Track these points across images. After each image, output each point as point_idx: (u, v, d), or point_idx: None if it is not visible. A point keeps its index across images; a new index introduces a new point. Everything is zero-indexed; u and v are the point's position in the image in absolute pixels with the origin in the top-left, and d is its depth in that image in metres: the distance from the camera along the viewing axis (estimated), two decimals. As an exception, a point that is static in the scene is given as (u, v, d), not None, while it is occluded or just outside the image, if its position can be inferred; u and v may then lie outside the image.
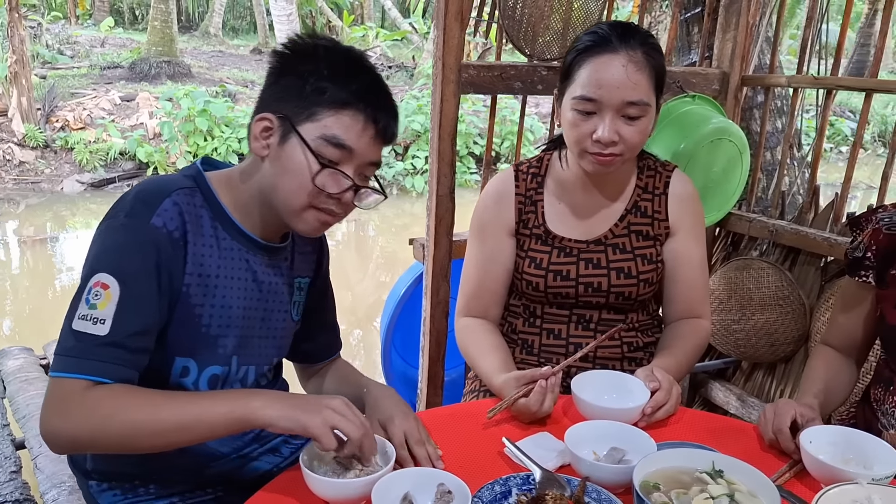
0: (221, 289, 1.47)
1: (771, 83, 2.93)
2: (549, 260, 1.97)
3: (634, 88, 1.75)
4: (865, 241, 1.74)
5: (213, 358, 1.48)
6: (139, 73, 15.02)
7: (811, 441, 1.46)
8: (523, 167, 2.05)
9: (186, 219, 1.40)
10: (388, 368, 3.13)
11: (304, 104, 1.41)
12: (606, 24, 1.84)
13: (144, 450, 1.34)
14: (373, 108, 1.43)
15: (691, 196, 2.01)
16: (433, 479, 1.33)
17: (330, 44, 1.47)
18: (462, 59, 2.37)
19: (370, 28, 21.32)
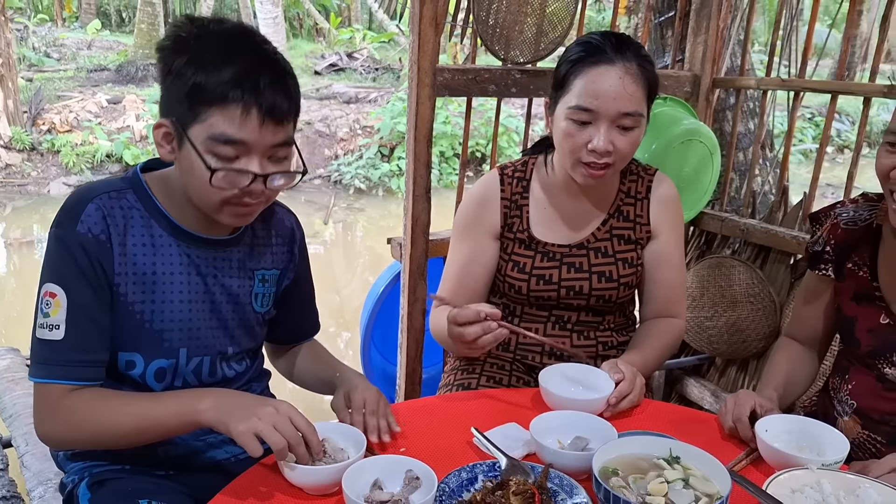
0: (161, 285, 1.53)
1: (741, 85, 3.00)
2: (533, 264, 2.01)
3: (630, 100, 1.79)
4: (824, 235, 1.80)
5: (158, 352, 1.55)
6: (126, 76, 14.98)
7: (767, 430, 1.53)
8: (508, 171, 2.07)
9: (109, 221, 1.46)
10: (368, 365, 3.18)
11: (189, 105, 1.39)
12: (599, 35, 1.87)
13: (115, 448, 1.54)
14: (253, 92, 1.38)
15: (673, 199, 2.06)
16: (402, 466, 1.38)
17: (202, 31, 1.43)
18: (437, 62, 2.43)
19: (357, 30, 21.30)
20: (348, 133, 13.15)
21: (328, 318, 6.74)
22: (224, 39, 1.42)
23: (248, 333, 1.72)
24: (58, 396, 1.44)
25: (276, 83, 1.42)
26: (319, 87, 15.77)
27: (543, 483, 1.35)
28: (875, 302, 1.69)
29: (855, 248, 1.74)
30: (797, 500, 1.31)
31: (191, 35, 1.42)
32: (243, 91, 1.37)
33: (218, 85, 1.37)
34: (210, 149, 1.40)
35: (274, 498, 1.36)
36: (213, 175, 1.41)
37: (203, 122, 1.39)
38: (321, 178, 12.26)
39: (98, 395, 1.46)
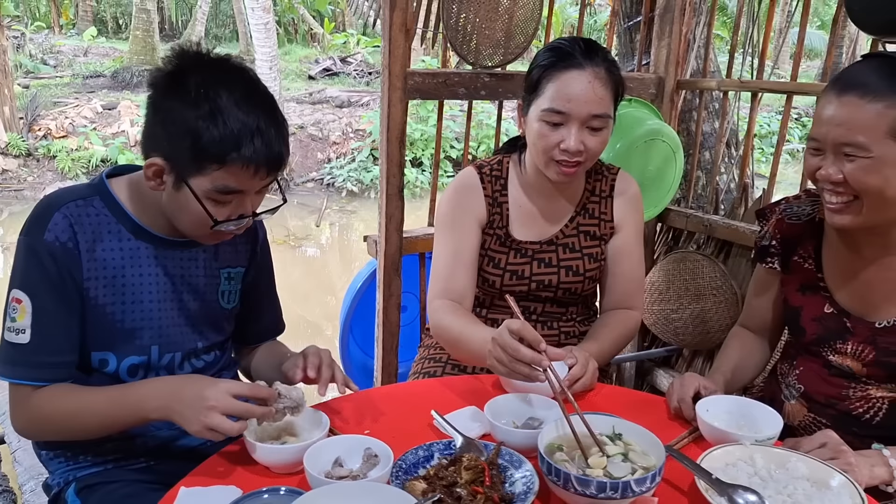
0: (130, 286, 1.60)
1: (703, 87, 3.10)
2: (507, 260, 2.11)
3: (599, 102, 1.91)
4: (770, 230, 1.90)
5: (130, 349, 1.63)
6: (121, 82, 15.10)
7: (707, 409, 1.63)
8: (486, 169, 2.16)
9: (77, 229, 1.52)
10: (347, 359, 3.28)
11: (192, 158, 1.46)
12: (568, 40, 1.98)
13: (82, 439, 1.62)
14: (258, 152, 1.47)
15: (635, 196, 2.17)
16: (361, 445, 1.48)
17: (206, 78, 1.47)
18: (408, 66, 2.53)
19: (351, 35, 21.42)
20: (341, 136, 13.25)
21: (324, 321, 6.81)
22: (230, 93, 1.46)
23: (216, 329, 1.80)
24: (25, 395, 1.53)
25: (278, 139, 1.51)
26: (313, 91, 15.88)
27: (494, 459, 1.45)
28: (819, 292, 1.78)
29: (799, 241, 1.84)
30: (730, 473, 1.41)
31: (194, 82, 1.46)
32: (250, 153, 1.46)
33: (225, 148, 1.44)
34: (209, 196, 1.50)
35: (242, 476, 1.44)
36: (216, 224, 1.54)
37: (206, 175, 1.48)
38: (314, 182, 12.36)
39: (61, 393, 1.53)
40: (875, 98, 1.48)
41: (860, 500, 1.31)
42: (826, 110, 1.55)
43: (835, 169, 1.55)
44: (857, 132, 1.49)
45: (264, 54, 12.06)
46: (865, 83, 1.50)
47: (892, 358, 1.66)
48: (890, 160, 1.50)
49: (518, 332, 1.59)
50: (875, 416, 1.71)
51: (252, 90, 1.51)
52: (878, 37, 2.39)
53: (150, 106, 1.52)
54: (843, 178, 1.54)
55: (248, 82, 1.52)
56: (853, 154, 1.51)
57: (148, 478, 1.67)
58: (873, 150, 1.49)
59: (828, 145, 1.55)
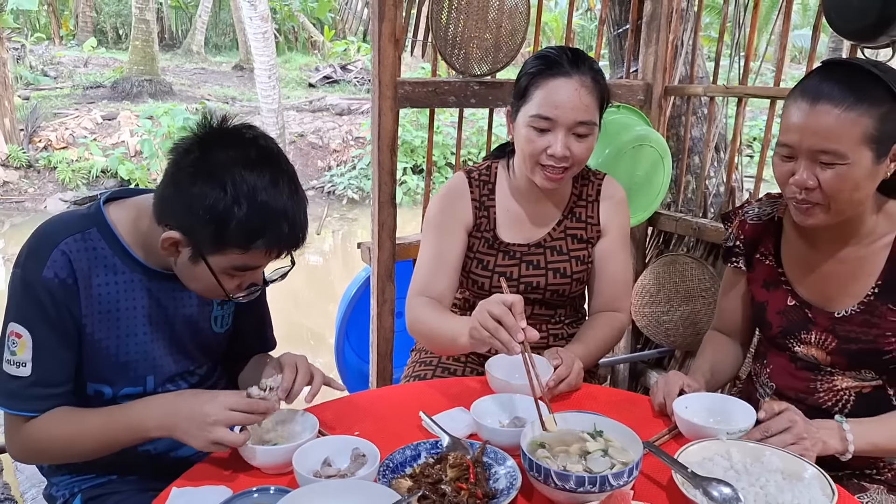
0: (125, 319, 1.61)
1: (690, 92, 3.15)
2: (495, 262, 2.15)
3: (585, 110, 1.96)
4: (734, 231, 1.98)
5: (126, 381, 1.64)
6: (121, 92, 15.17)
7: (686, 406, 1.68)
8: (474, 174, 2.22)
9: (76, 266, 1.52)
10: (343, 364, 3.32)
11: (213, 238, 1.47)
12: (556, 49, 2.03)
13: (80, 461, 1.64)
14: (279, 239, 1.50)
15: (621, 200, 2.22)
16: (349, 445, 1.52)
17: (232, 153, 1.46)
18: (398, 76, 2.58)
19: (351, 42, 21.50)
20: (341, 144, 13.31)
21: (326, 329, 6.83)
22: (257, 177, 1.45)
23: (208, 352, 1.83)
24: (19, 424, 1.55)
25: (302, 222, 1.54)
26: (313, 99, 15.94)
27: (480, 457, 1.49)
28: (782, 286, 1.85)
29: (760, 240, 1.91)
30: (706, 467, 1.45)
31: (219, 163, 1.45)
32: (275, 239, 1.50)
33: (252, 237, 1.47)
34: (225, 272, 1.53)
35: (233, 477, 1.48)
36: (229, 299, 1.58)
37: (226, 255, 1.50)
38: (314, 189, 12.40)
39: (55, 420, 1.53)
40: (849, 107, 1.53)
41: (831, 491, 1.35)
42: (798, 118, 1.59)
43: (809, 174, 1.59)
44: (835, 140, 1.55)
45: (263, 63, 12.11)
46: (837, 93, 1.55)
47: (851, 345, 1.72)
48: (863, 166, 1.56)
49: (509, 304, 1.65)
50: (844, 409, 1.75)
51: (279, 172, 1.50)
52: (855, 42, 2.44)
53: (171, 177, 1.50)
54: (818, 185, 1.59)
55: (273, 162, 1.51)
56: (831, 162, 1.56)
57: (154, 486, 1.68)
58: (850, 156, 1.55)
59: (802, 152, 1.60)
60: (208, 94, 16.08)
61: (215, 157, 1.46)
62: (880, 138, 1.55)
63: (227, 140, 1.50)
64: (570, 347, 2.01)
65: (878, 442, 1.61)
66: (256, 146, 1.50)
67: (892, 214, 1.70)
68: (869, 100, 1.53)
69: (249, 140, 1.51)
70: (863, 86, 1.55)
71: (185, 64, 20.44)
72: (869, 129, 1.53)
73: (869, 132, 1.54)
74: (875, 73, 1.55)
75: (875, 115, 1.53)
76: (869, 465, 1.76)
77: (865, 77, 1.56)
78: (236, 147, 1.48)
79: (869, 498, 1.70)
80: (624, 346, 3.48)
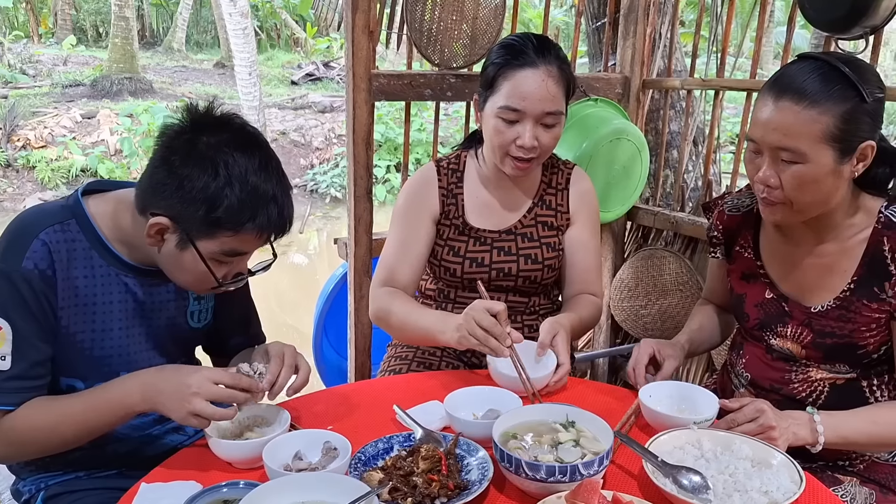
0: (101, 314, 1.60)
1: (667, 86, 3.15)
2: (466, 248, 2.16)
3: (552, 100, 1.98)
4: (714, 222, 1.98)
5: (99, 376, 1.60)
6: (101, 91, 15.03)
7: (650, 395, 1.69)
8: (443, 163, 2.24)
9: (55, 257, 1.51)
10: (321, 360, 3.31)
11: (203, 221, 1.48)
12: (520, 37, 2.03)
13: (63, 450, 1.57)
14: (269, 223, 1.52)
15: (589, 191, 2.24)
16: (320, 439, 1.51)
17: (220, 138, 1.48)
18: (372, 68, 2.57)
19: (334, 39, 21.44)
20: (324, 142, 13.27)
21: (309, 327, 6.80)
22: (247, 160, 1.49)
23: (183, 348, 1.82)
24: None
25: (289, 206, 1.56)
26: (295, 96, 15.88)
27: (452, 449, 1.49)
28: (760, 279, 1.85)
29: (739, 231, 1.92)
30: (677, 456, 1.47)
31: (207, 145, 1.48)
32: (264, 221, 1.51)
33: (242, 218, 1.48)
34: (213, 257, 1.54)
35: (203, 472, 1.47)
36: (219, 286, 1.58)
37: (215, 239, 1.51)
38: (297, 188, 12.33)
39: (33, 410, 1.51)
40: (810, 104, 1.52)
41: (799, 478, 1.35)
42: (763, 113, 1.59)
43: (771, 172, 1.60)
44: (793, 138, 1.54)
45: (243, 59, 12.05)
46: (801, 88, 1.54)
47: (826, 339, 1.72)
48: (824, 164, 1.55)
49: (495, 313, 1.76)
50: (817, 400, 1.76)
51: (267, 157, 1.53)
52: (828, 33, 2.45)
53: (161, 160, 1.51)
54: (780, 183, 1.60)
55: (261, 147, 1.54)
56: (791, 160, 1.56)
57: (120, 485, 1.66)
58: (809, 155, 1.54)
59: (765, 148, 1.60)
60: (189, 92, 15.98)
61: (206, 139, 1.48)
62: (843, 137, 1.54)
63: (216, 124, 1.52)
64: (564, 317, 1.98)
65: (849, 435, 1.62)
66: (245, 131, 1.54)
67: (870, 209, 1.69)
68: (832, 98, 1.52)
69: (238, 125, 1.55)
70: (829, 82, 1.53)
71: (166, 62, 20.29)
72: (829, 128, 1.52)
73: (829, 131, 1.52)
74: (843, 71, 1.53)
75: (837, 113, 1.52)
76: (842, 457, 1.77)
77: (834, 73, 1.54)
78: (226, 131, 1.51)
79: (843, 490, 1.71)
80: (603, 341, 3.49)
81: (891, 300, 1.65)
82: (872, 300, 1.67)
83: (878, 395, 1.75)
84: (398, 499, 1.34)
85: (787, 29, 2.61)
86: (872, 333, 1.69)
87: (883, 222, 1.66)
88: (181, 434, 1.82)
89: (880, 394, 1.75)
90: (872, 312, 1.67)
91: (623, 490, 1.34)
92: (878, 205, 1.68)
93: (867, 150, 1.58)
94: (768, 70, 17.31)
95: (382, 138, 12.48)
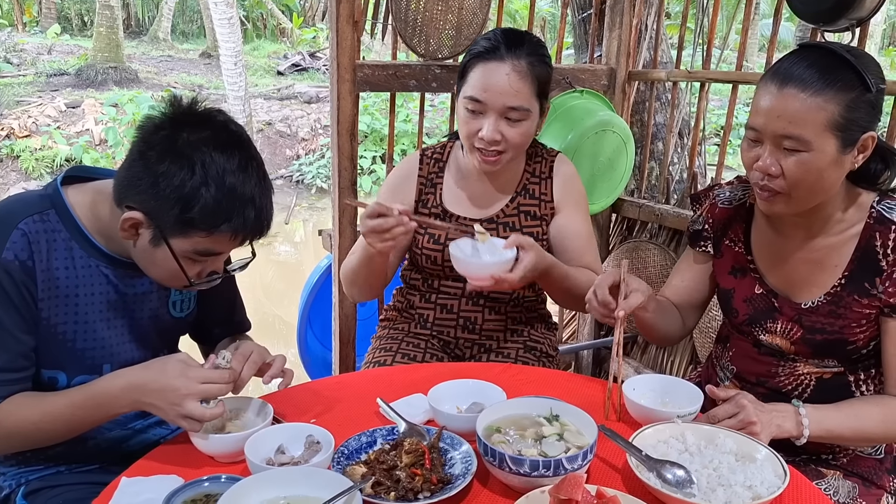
0: (82, 305, 1.57)
1: (653, 77, 3.14)
2: (447, 236, 2.14)
3: (516, 95, 1.96)
4: (704, 214, 1.94)
5: (81, 369, 1.59)
6: (86, 80, 14.91)
7: (634, 388, 1.68)
8: (428, 152, 2.24)
9: (34, 248, 1.48)
10: (305, 352, 3.30)
11: (178, 220, 1.44)
12: (500, 31, 2.03)
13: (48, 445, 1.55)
14: (245, 225, 1.48)
15: (573, 177, 2.22)
16: (303, 433, 1.50)
17: (200, 135, 1.45)
18: (357, 58, 2.55)
19: (320, 29, 21.35)
20: (309, 133, 13.21)
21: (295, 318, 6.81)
22: (226, 160, 1.44)
23: (167, 338, 1.79)
24: None
25: (268, 209, 1.52)
26: (281, 87, 15.80)
27: (436, 443, 1.48)
28: (750, 273, 1.83)
29: (730, 225, 1.88)
30: (660, 450, 1.46)
31: (187, 142, 1.43)
32: (240, 224, 1.48)
33: (217, 221, 1.45)
34: (186, 255, 1.50)
35: (185, 466, 1.46)
36: (191, 285, 1.55)
37: (189, 239, 1.47)
38: (283, 179, 12.30)
39: (18, 405, 1.48)
40: (816, 92, 1.50)
41: (783, 472, 1.35)
42: (765, 101, 1.57)
43: (772, 160, 1.57)
44: (799, 125, 1.52)
45: (229, 49, 11.95)
46: (806, 76, 1.52)
47: (816, 336, 1.71)
48: (827, 153, 1.53)
49: (371, 211, 1.81)
50: (803, 393, 1.76)
51: (248, 157, 1.49)
52: (814, 25, 2.45)
53: (138, 154, 1.47)
54: (781, 171, 1.57)
55: (243, 147, 1.49)
56: (794, 148, 1.54)
57: (101, 479, 1.63)
58: (813, 143, 1.52)
59: (767, 136, 1.57)
60: (175, 82, 15.87)
61: (186, 136, 1.44)
62: (846, 126, 1.52)
63: (197, 121, 1.48)
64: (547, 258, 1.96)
65: (833, 429, 1.61)
66: (227, 130, 1.49)
67: (863, 204, 1.68)
68: (837, 85, 1.51)
69: (220, 123, 1.50)
70: (833, 71, 1.52)
71: (152, 51, 20.14)
72: (834, 116, 1.51)
73: (834, 119, 1.51)
74: (847, 59, 1.52)
75: (842, 101, 1.50)
76: (825, 451, 1.77)
77: (837, 62, 1.53)
78: (207, 128, 1.47)
79: (826, 484, 1.71)
80: (587, 333, 3.49)
81: (881, 295, 1.64)
82: (863, 296, 1.66)
83: (864, 389, 1.74)
84: (381, 493, 1.33)
85: (773, 21, 2.60)
86: (862, 329, 1.68)
87: (875, 217, 1.64)
88: (164, 428, 1.80)
89: (866, 388, 1.74)
90: (863, 308, 1.66)
91: (607, 484, 1.33)
92: (869, 199, 1.67)
93: (868, 141, 1.57)
94: (753, 62, 17.36)
95: (368, 129, 12.43)
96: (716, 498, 1.32)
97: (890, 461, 1.81)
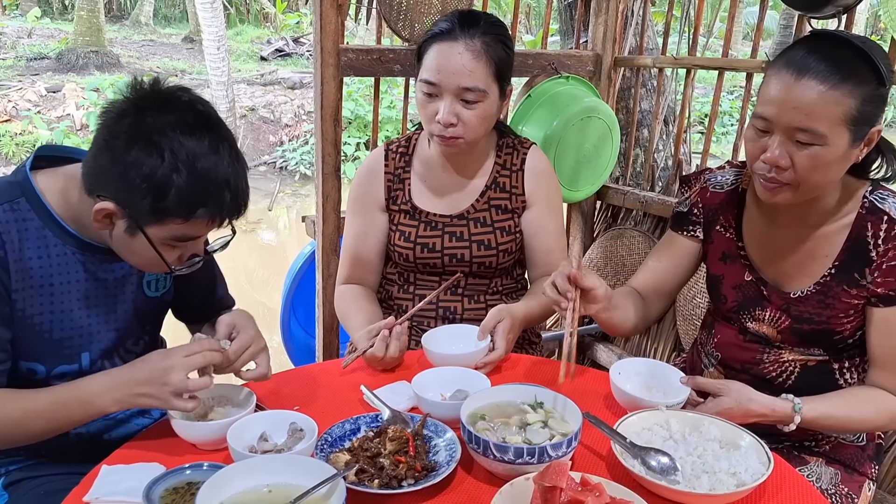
0: (58, 294, 1.54)
1: (639, 64, 3.13)
2: (417, 233, 2.13)
3: (470, 76, 1.92)
4: (693, 198, 1.90)
5: (59, 359, 1.57)
6: (66, 64, 14.74)
7: (619, 372, 1.67)
8: (393, 146, 2.20)
9: (5, 238, 1.45)
10: (289, 339, 3.28)
11: (152, 208, 1.40)
12: (457, 13, 2.00)
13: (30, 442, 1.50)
14: (220, 207, 1.45)
15: (546, 171, 2.19)
16: (286, 420, 1.49)
17: (167, 118, 1.40)
18: (341, 43, 2.52)
19: (304, 15, 21.19)
20: (293, 119, 13.12)
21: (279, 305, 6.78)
22: (196, 143, 1.40)
23: (147, 320, 1.76)
24: None
25: (244, 190, 1.49)
26: (264, 72, 15.68)
27: (420, 430, 1.48)
28: (740, 260, 1.82)
29: (721, 210, 1.86)
30: (645, 437, 1.46)
31: (154, 128, 1.38)
32: (216, 208, 1.45)
33: (192, 207, 1.41)
34: (164, 242, 1.47)
35: (166, 454, 1.45)
36: (171, 272, 1.53)
37: (165, 226, 1.44)
38: (266, 165, 12.22)
39: (2, 401, 1.45)
40: (834, 85, 1.46)
41: (767, 459, 1.36)
42: (779, 91, 1.51)
43: (782, 152, 1.53)
44: (814, 119, 1.48)
45: (212, 34, 11.83)
46: (823, 68, 1.47)
47: (804, 325, 1.71)
48: (839, 147, 1.51)
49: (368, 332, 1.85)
50: (787, 380, 1.76)
51: (218, 138, 1.44)
52: (801, 12, 2.44)
53: (103, 144, 1.42)
54: (790, 164, 1.53)
55: (212, 127, 1.44)
56: (808, 141, 1.50)
57: (82, 469, 1.63)
58: (829, 137, 1.49)
59: (779, 128, 1.52)
60: (157, 67, 15.72)
61: (151, 121, 1.39)
62: (860, 120, 1.49)
63: (162, 104, 1.43)
64: (513, 306, 1.96)
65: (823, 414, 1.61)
66: (194, 111, 1.44)
67: (854, 193, 1.66)
68: (855, 79, 1.47)
69: (186, 104, 1.45)
70: (851, 63, 1.48)
71: (133, 35, 19.92)
72: (851, 110, 1.47)
73: (850, 113, 1.48)
74: (864, 50, 1.48)
75: (859, 95, 1.47)
76: (808, 438, 1.78)
77: (854, 54, 1.49)
78: (173, 111, 1.42)
79: (809, 470, 1.72)
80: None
81: (869, 286, 1.63)
82: (852, 286, 1.65)
83: (848, 378, 1.75)
84: (365, 480, 1.32)
85: (759, 8, 2.59)
86: (849, 319, 1.68)
87: (867, 207, 1.63)
88: (146, 417, 1.79)
89: (850, 376, 1.75)
90: (851, 298, 1.65)
91: (591, 471, 1.33)
92: (861, 189, 1.66)
93: (874, 135, 1.55)
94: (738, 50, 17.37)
95: (352, 115, 12.37)
96: (700, 485, 1.33)
97: (872, 448, 1.82)
